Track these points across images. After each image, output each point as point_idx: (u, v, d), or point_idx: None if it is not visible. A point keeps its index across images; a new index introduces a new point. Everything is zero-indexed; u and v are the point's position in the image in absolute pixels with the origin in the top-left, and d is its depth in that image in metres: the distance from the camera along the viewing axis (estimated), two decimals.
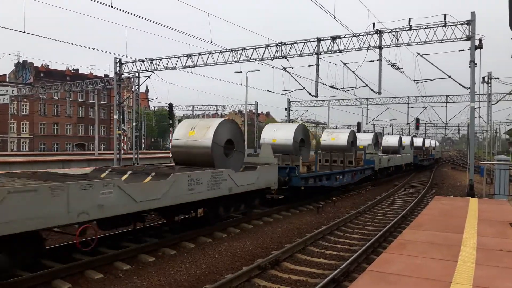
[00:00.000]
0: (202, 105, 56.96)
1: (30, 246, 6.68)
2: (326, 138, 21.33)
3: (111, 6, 17.84)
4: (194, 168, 10.51)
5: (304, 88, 24.73)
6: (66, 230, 7.39)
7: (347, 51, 21.04)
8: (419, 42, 19.35)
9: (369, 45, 20.36)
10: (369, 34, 20.29)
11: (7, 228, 5.82)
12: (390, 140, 32.14)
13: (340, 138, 20.91)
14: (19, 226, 5.96)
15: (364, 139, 25.20)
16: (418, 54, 20.37)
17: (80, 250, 7.25)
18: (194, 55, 25.04)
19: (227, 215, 11.22)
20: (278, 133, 16.42)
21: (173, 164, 12.19)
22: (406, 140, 34.57)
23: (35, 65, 67.55)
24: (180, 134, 11.48)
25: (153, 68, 26.79)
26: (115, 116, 29.09)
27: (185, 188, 9.00)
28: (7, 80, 66.50)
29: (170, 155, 12.93)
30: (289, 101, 43.83)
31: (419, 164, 34.28)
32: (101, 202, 7.13)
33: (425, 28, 19.01)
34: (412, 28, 19.24)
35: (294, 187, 14.36)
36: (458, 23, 18.15)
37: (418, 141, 39.61)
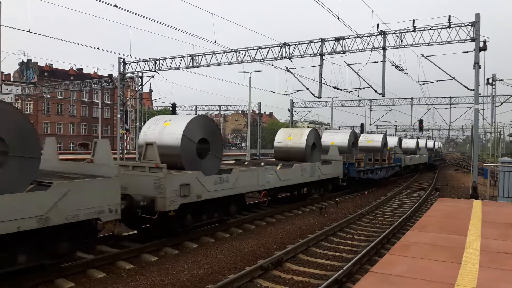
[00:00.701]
0: (205, 105, 56.94)
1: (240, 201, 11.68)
2: (363, 140, 27.21)
3: (116, 6, 17.90)
4: (292, 162, 14.91)
5: (307, 88, 24.73)
6: (254, 195, 13.41)
7: (351, 52, 21.04)
8: (423, 44, 19.30)
9: (373, 46, 20.34)
10: (373, 35, 20.28)
11: (241, 189, 11.16)
12: (409, 143, 38.48)
13: (375, 140, 27.27)
14: (243, 189, 11.25)
15: (392, 141, 31.37)
16: (422, 55, 20.31)
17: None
18: (198, 55, 25.09)
19: (316, 194, 16.25)
20: (336, 137, 21.64)
21: (274, 160, 16.96)
22: (421, 142, 40.40)
23: (39, 64, 67.83)
24: (280, 139, 16.57)
25: (156, 68, 26.87)
26: (118, 116, 29.17)
27: (299, 174, 14.31)
28: (12, 79, 66.80)
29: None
30: (292, 102, 43.77)
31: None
32: (269, 179, 12.48)
33: (429, 29, 18.97)
34: (416, 30, 19.20)
35: (351, 178, 19.03)
36: (463, 25, 18.10)
37: (430, 144, 45.06)
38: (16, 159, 6.16)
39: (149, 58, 27.02)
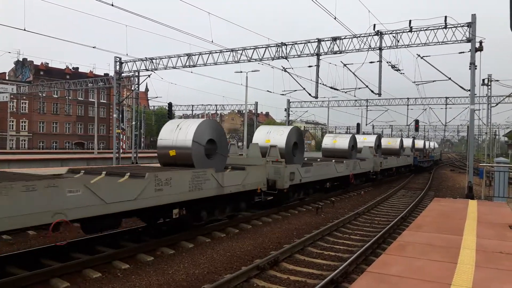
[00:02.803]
0: (202, 104, 56.90)
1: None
2: (385, 142, 31.13)
3: (112, 5, 17.83)
4: (337, 159, 19.25)
5: (304, 88, 24.74)
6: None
7: (347, 52, 21.06)
8: (419, 44, 19.36)
9: (370, 46, 20.37)
10: (370, 35, 20.31)
11: (321, 177, 16.68)
12: (419, 143, 42.67)
13: (397, 143, 32.21)
14: (322, 177, 16.73)
15: (407, 143, 36.18)
16: (419, 55, 20.37)
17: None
18: (195, 55, 25.03)
19: (357, 184, 21.02)
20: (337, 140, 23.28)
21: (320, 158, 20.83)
22: (406, 142, 40.18)
23: (34, 63, 67.42)
24: (328, 142, 21.80)
25: (153, 67, 26.78)
26: (114, 115, 29.06)
27: (351, 167, 19.72)
28: (7, 78, 66.43)
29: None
30: (288, 102, 43.80)
31: (420, 166, 39.53)
32: (338, 170, 18.12)
33: (426, 29, 19.03)
34: (413, 30, 19.26)
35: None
36: (459, 25, 18.16)
37: (419, 143, 44.71)
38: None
39: (146, 57, 26.93)
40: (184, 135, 10.42)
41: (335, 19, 18.69)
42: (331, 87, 24.19)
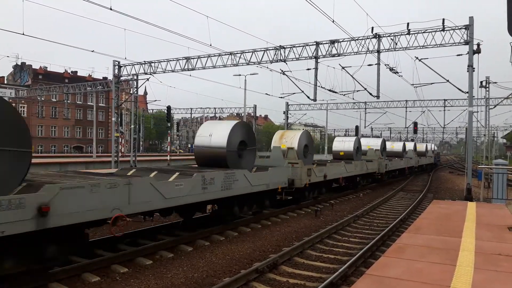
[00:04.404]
0: (201, 108, 57.00)
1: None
2: (388, 145, 32.77)
3: (110, 9, 17.86)
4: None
5: (302, 91, 24.78)
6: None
7: (345, 55, 21.11)
8: (417, 47, 19.41)
9: (368, 49, 20.42)
10: (368, 38, 20.36)
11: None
12: (421, 147, 45.40)
13: (400, 146, 34.43)
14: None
15: (409, 146, 37.51)
16: (417, 58, 20.43)
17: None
18: (193, 58, 25.06)
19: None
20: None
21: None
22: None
23: (33, 67, 67.39)
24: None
25: (151, 70, 26.79)
26: (113, 119, 29.05)
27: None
28: (5, 82, 66.39)
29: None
30: (287, 105, 43.83)
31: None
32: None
33: (424, 32, 19.08)
34: (411, 33, 19.31)
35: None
36: (456, 28, 18.22)
37: (406, 145, 46.80)
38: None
39: (144, 61, 26.96)
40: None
41: (333, 22, 18.75)
42: (330, 90, 24.25)
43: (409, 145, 38.07)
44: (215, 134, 11.67)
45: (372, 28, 20.12)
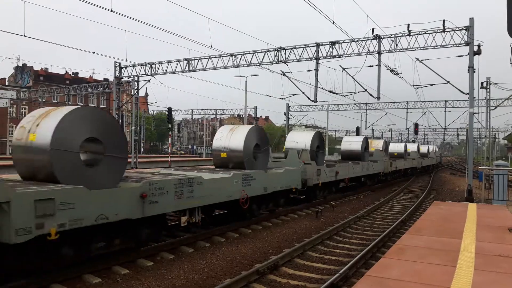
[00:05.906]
0: (201, 109, 57.16)
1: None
2: (393, 147, 34.02)
3: (111, 11, 17.92)
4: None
5: (303, 92, 24.78)
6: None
7: (346, 56, 21.14)
8: (418, 48, 19.43)
9: (368, 50, 20.45)
10: (368, 40, 20.38)
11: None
12: (424, 148, 46.12)
13: (401, 148, 34.51)
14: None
15: (412, 148, 38.45)
16: (417, 59, 20.45)
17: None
18: (194, 60, 25.10)
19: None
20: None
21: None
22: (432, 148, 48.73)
23: (34, 68, 67.53)
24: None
25: (152, 72, 26.85)
26: None
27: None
28: (7, 83, 66.49)
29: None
30: (288, 106, 43.85)
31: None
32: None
33: (424, 33, 19.10)
34: (411, 34, 19.33)
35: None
36: (457, 29, 18.24)
37: (398, 147, 47.72)
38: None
39: (145, 62, 27.00)
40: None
41: (333, 23, 18.78)
42: (330, 91, 24.26)
43: (412, 147, 38.50)
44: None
45: (373, 29, 20.16)
